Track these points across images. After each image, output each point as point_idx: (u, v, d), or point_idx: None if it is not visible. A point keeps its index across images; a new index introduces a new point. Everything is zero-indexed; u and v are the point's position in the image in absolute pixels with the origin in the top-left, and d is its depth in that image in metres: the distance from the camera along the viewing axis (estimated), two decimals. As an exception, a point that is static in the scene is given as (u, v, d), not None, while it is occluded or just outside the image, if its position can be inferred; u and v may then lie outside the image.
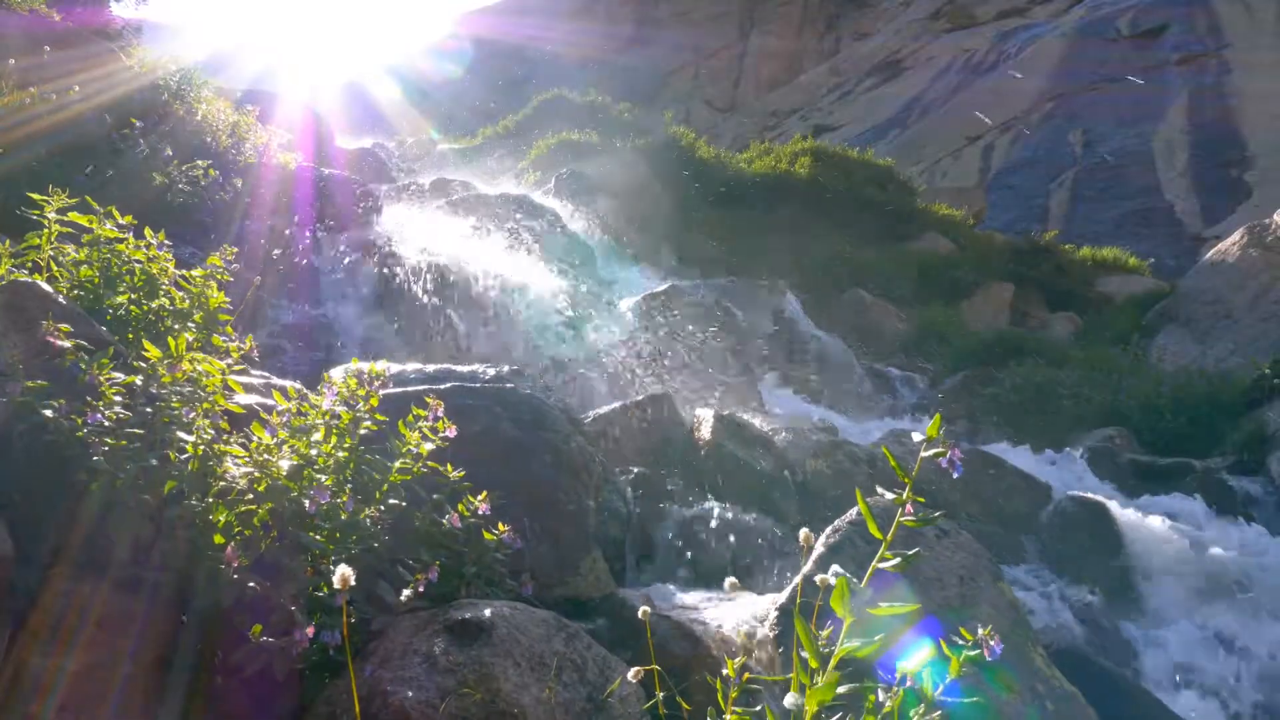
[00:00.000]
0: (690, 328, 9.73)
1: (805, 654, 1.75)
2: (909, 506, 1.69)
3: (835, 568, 1.75)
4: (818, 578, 1.72)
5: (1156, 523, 6.89)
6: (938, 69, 37.82)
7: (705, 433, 4.87)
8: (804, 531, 1.88)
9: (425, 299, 8.32)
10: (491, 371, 4.40)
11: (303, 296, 8.12)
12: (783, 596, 2.94)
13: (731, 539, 4.09)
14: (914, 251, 18.41)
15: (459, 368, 4.50)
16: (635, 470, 4.45)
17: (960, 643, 1.72)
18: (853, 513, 3.42)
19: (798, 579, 2.94)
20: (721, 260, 15.60)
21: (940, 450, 1.64)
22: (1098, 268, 19.53)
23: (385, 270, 8.66)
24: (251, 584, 2.58)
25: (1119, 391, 10.65)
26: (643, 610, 1.77)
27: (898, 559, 1.64)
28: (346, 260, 8.93)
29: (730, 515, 4.16)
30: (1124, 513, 7.01)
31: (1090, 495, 7.29)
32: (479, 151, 21.52)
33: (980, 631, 1.71)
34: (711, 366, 9.29)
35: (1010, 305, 17.93)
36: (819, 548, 3.14)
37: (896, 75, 39.42)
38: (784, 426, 5.74)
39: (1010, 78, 33.63)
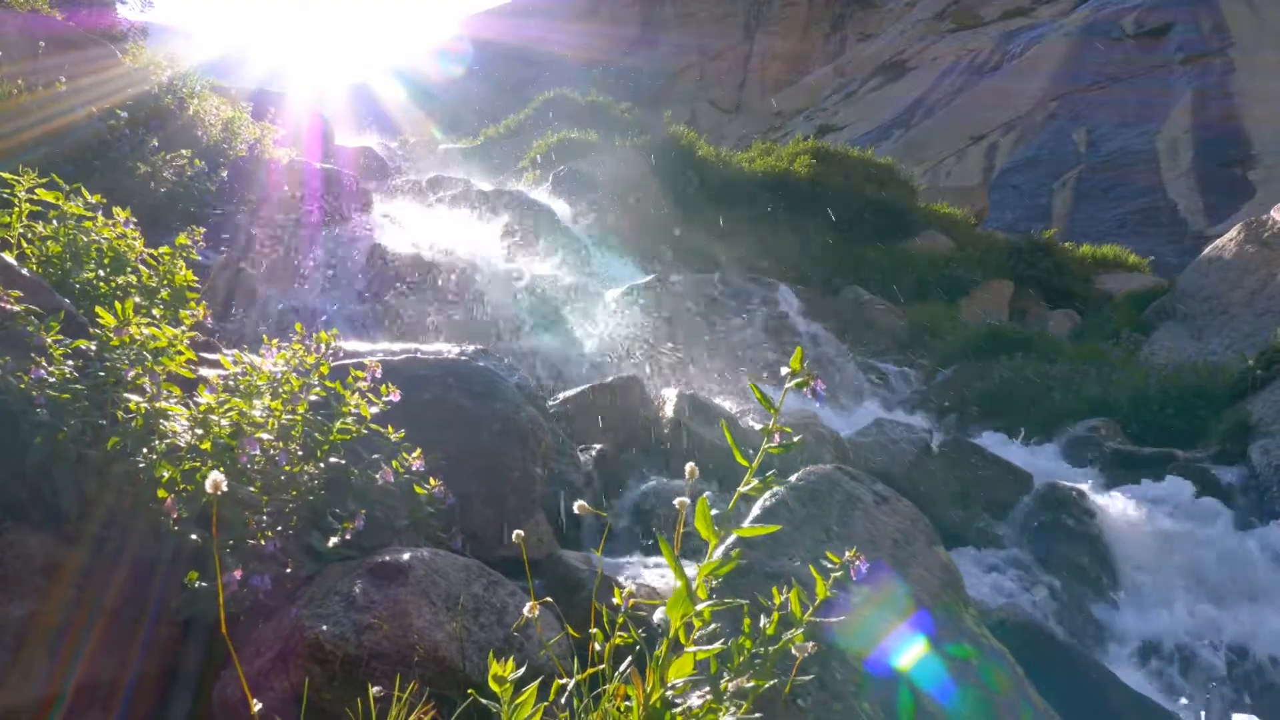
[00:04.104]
0: (680, 318, 9.81)
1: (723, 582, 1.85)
2: (776, 436, 1.78)
3: (705, 494, 1.83)
4: (676, 500, 1.81)
5: (1133, 510, 6.93)
6: (942, 69, 37.81)
7: (668, 411, 4.94)
8: (689, 465, 1.97)
9: (413, 288, 8.43)
10: (456, 350, 4.48)
11: (292, 285, 8.24)
12: (717, 553, 3.02)
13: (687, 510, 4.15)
14: (913, 249, 18.40)
15: (425, 347, 4.58)
16: (598, 447, 4.52)
17: (829, 566, 1.80)
18: (793, 478, 3.49)
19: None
20: (719, 257, 15.65)
21: (803, 381, 1.72)
22: (1097, 265, 19.50)
23: (375, 260, 8.78)
24: (193, 536, 2.68)
25: (1109, 384, 10.65)
26: (516, 534, 1.84)
27: (758, 482, 1.72)
28: (337, 250, 9.06)
29: (686, 487, 4.22)
30: (1101, 500, 7.05)
31: (1068, 483, 7.32)
32: (480, 150, 21.68)
33: (847, 554, 1.79)
34: (703, 358, 9.36)
35: (1009, 303, 17.90)
36: (755, 509, 3.23)
37: (901, 76, 39.42)
38: (753, 408, 5.79)
39: (1014, 77, 33.59)
